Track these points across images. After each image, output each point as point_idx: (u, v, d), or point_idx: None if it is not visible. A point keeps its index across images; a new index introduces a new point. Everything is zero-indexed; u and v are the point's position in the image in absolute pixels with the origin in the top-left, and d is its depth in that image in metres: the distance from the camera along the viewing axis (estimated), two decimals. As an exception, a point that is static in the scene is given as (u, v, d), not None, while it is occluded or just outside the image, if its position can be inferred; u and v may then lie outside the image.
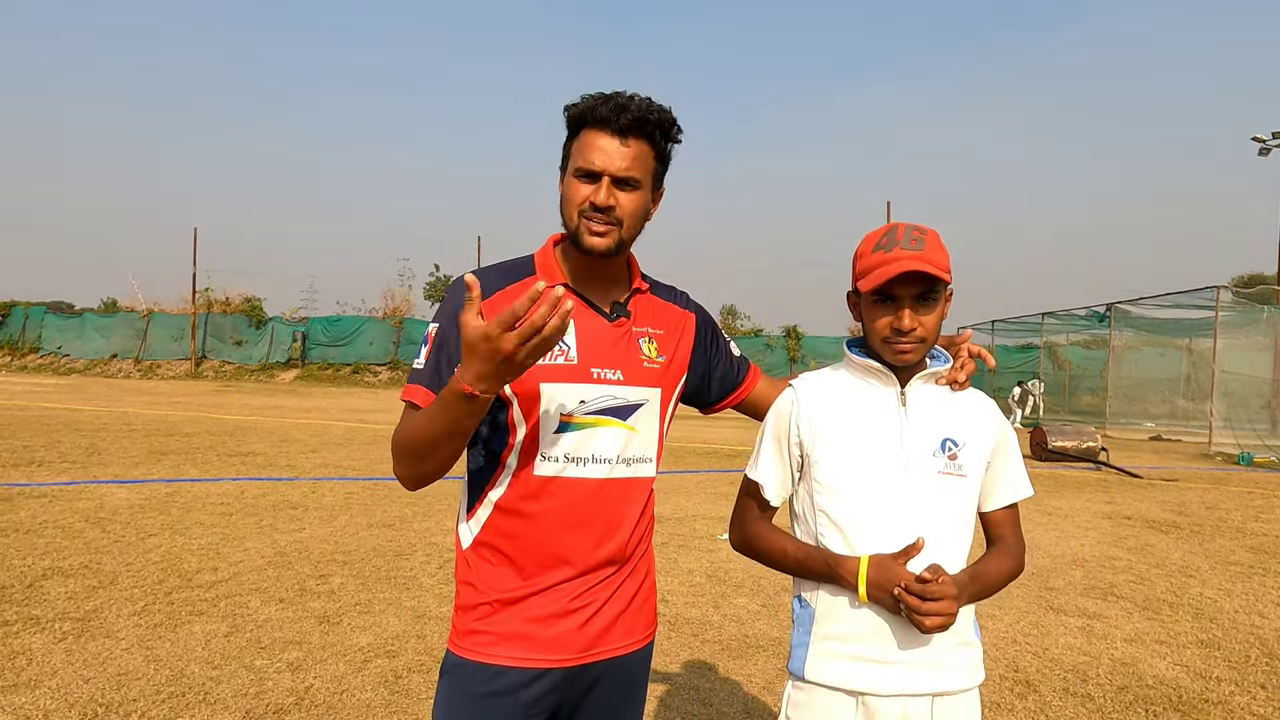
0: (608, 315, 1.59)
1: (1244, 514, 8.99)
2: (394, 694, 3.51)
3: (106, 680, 3.52)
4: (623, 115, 1.48)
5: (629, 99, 1.49)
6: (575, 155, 1.52)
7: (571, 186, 1.52)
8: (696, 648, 4.20)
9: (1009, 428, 1.63)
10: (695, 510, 7.88)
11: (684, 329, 1.71)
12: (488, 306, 1.49)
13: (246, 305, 37.87)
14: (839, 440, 1.56)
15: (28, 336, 39.25)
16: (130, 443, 11.75)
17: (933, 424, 1.56)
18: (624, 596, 1.60)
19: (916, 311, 1.50)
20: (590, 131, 1.50)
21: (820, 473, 1.57)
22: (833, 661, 1.54)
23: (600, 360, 1.54)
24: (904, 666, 1.50)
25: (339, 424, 16.28)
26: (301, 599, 4.74)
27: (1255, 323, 20.10)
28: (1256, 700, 3.76)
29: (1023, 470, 1.64)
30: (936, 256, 1.49)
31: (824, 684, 1.54)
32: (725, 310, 42.78)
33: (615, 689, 1.61)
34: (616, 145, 1.49)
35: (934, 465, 1.53)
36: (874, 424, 1.55)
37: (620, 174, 1.49)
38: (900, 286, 1.49)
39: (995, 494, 1.62)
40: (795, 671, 1.58)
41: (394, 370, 35.01)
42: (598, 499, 1.53)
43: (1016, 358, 31.91)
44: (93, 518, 6.65)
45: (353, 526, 6.70)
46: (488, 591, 1.53)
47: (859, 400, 1.59)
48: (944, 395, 1.60)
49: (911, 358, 1.53)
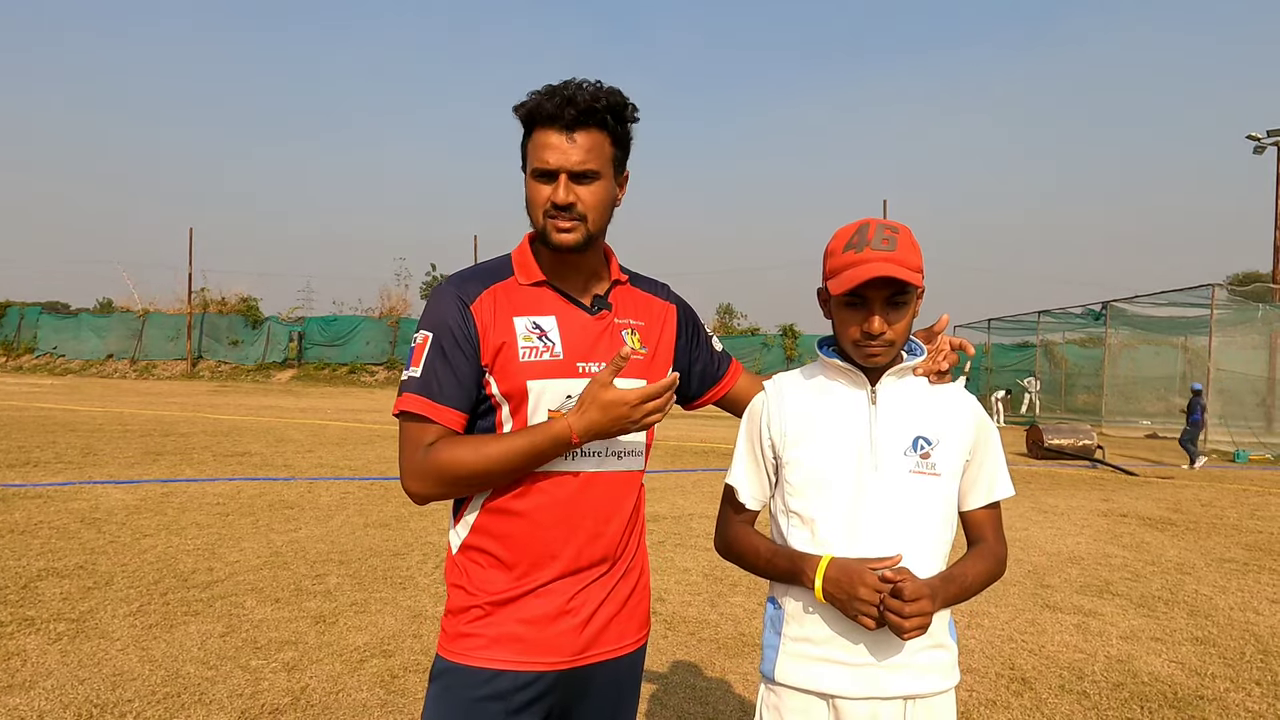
0: (589, 309, 1.58)
1: (1239, 511, 9.02)
2: (390, 694, 3.51)
3: (102, 681, 3.51)
4: (568, 108, 1.44)
5: (575, 89, 1.45)
6: (531, 155, 1.49)
7: (532, 188, 1.50)
8: (693, 646, 4.20)
9: (990, 426, 1.59)
10: (692, 509, 7.88)
11: (665, 320, 1.70)
12: (476, 308, 1.50)
13: (243, 305, 37.82)
14: (808, 441, 1.54)
15: (23, 337, 39.15)
16: (126, 443, 11.73)
17: (904, 422, 1.52)
18: (618, 598, 1.58)
19: (887, 315, 1.46)
20: (541, 130, 1.47)
21: (790, 474, 1.55)
22: (802, 664, 1.51)
23: (585, 354, 1.53)
24: (874, 669, 1.47)
25: (335, 424, 16.26)
26: (297, 599, 4.73)
27: (1250, 321, 20.16)
28: (1251, 697, 3.77)
29: (1003, 469, 1.59)
30: (908, 257, 1.45)
31: (794, 686, 1.52)
32: (722, 309, 42.81)
33: (608, 691, 1.60)
34: (567, 140, 1.45)
35: (905, 464, 1.49)
36: (843, 424, 1.52)
37: (576, 168, 1.46)
38: (871, 289, 1.45)
39: (974, 493, 1.57)
40: (766, 674, 1.57)
41: (390, 370, 34.97)
42: (588, 493, 1.52)
43: (1013, 356, 31.96)
44: (88, 518, 6.63)
45: (349, 526, 6.69)
46: (479, 594, 1.51)
47: (829, 400, 1.56)
48: (918, 393, 1.56)
49: (881, 360, 1.50)
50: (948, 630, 1.55)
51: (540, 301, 1.54)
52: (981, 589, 1.55)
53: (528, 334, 1.50)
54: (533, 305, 1.54)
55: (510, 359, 1.49)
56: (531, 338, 1.50)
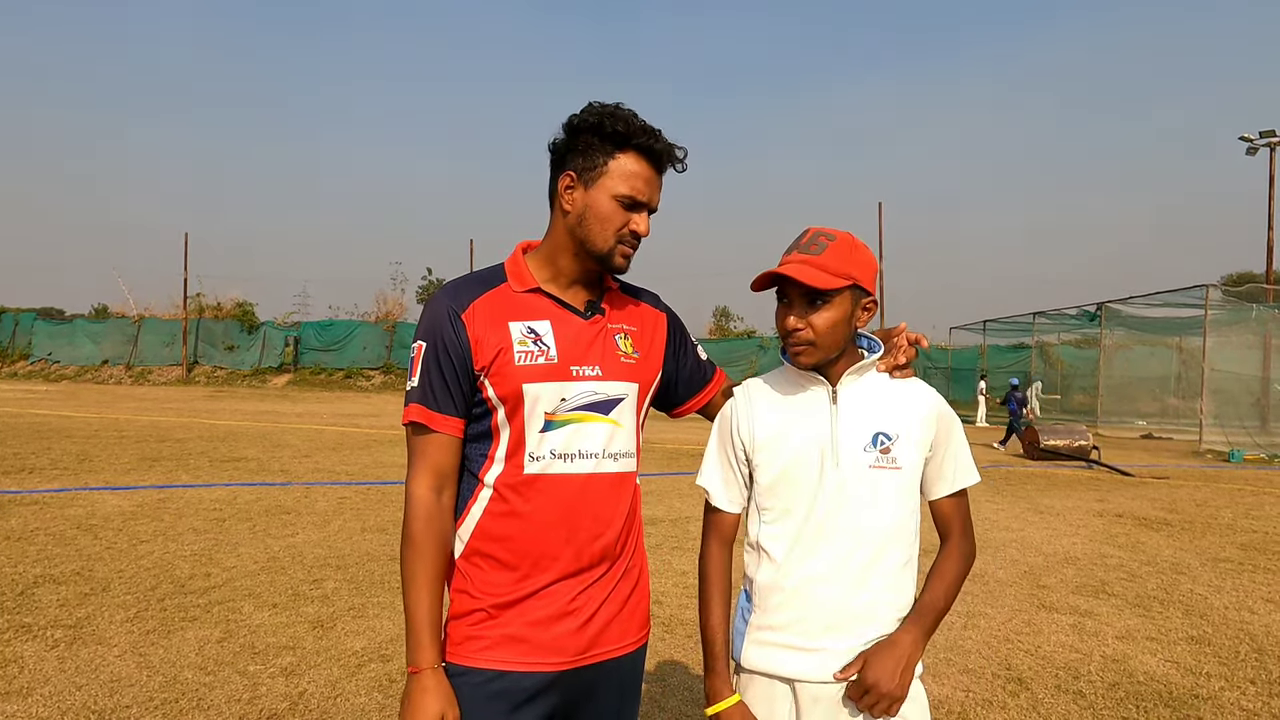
0: (582, 314, 1.62)
1: (1234, 511, 9.05)
2: (388, 698, 3.51)
3: (99, 687, 3.51)
4: (664, 153, 1.57)
5: (666, 140, 1.57)
6: (618, 179, 1.54)
7: (613, 210, 1.55)
8: (691, 649, 4.21)
9: (951, 417, 1.62)
10: (689, 512, 7.89)
11: (656, 327, 1.75)
12: (467, 316, 1.53)
13: (238, 310, 37.75)
14: (773, 442, 1.60)
15: (18, 343, 39.04)
16: (122, 449, 11.70)
17: (864, 419, 1.57)
18: (619, 598, 1.62)
19: (804, 314, 1.52)
20: (636, 158, 1.55)
21: (760, 475, 1.62)
22: (764, 650, 1.59)
23: (579, 358, 1.57)
24: (829, 654, 1.53)
25: (332, 429, 16.24)
26: (295, 604, 4.73)
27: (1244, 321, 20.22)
28: (1246, 696, 3.79)
29: (967, 457, 1.63)
30: (830, 262, 1.50)
31: (758, 670, 1.59)
32: (719, 312, 42.86)
33: (610, 691, 1.62)
34: (656, 178, 1.59)
35: (865, 460, 1.54)
36: (805, 423, 1.58)
37: (656, 206, 1.60)
38: (790, 287, 1.53)
39: (939, 482, 1.61)
40: (735, 659, 1.64)
41: (387, 375, 34.94)
42: (586, 494, 1.56)
43: (1009, 357, 32.01)
44: (84, 525, 6.62)
45: (346, 531, 6.69)
46: (483, 597, 1.54)
47: (793, 402, 1.62)
48: (879, 390, 1.60)
49: (805, 360, 1.55)
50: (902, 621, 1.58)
51: (534, 307, 1.58)
52: (956, 593, 1.60)
53: (523, 338, 1.54)
54: (527, 311, 1.57)
55: (506, 363, 1.52)
56: (527, 342, 1.54)
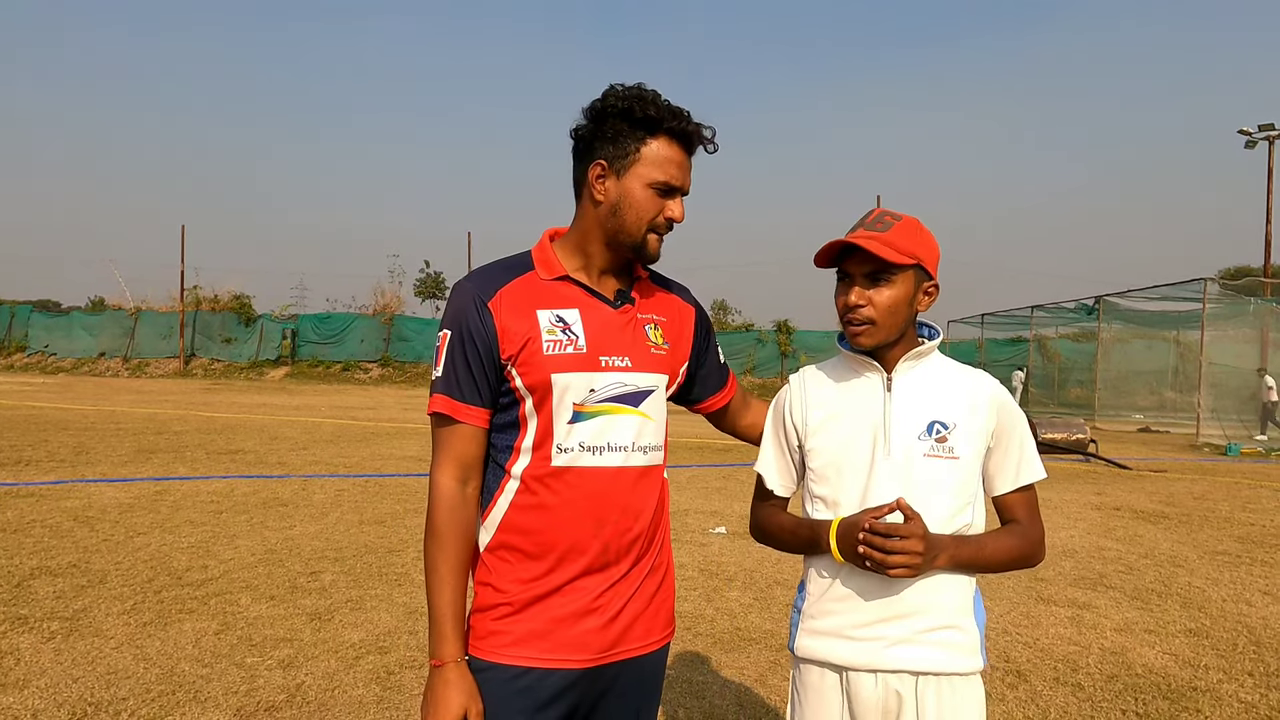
0: (612, 303, 1.58)
1: (1231, 504, 9.06)
2: (386, 690, 3.50)
3: (96, 679, 3.50)
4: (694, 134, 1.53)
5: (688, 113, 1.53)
6: (652, 165, 1.51)
7: (648, 197, 1.52)
8: (689, 641, 4.20)
9: (1015, 408, 1.58)
10: (688, 505, 7.88)
11: (685, 320, 1.72)
12: (494, 304, 1.49)
13: (236, 303, 37.62)
14: (827, 429, 1.59)
15: (14, 335, 38.93)
16: (119, 441, 11.68)
17: (920, 406, 1.54)
18: (645, 595, 1.58)
19: (866, 290, 1.50)
20: (668, 143, 1.52)
21: (812, 461, 1.60)
22: (814, 638, 1.58)
23: (608, 348, 1.53)
24: (878, 643, 1.50)
25: (329, 421, 16.22)
26: (292, 596, 4.72)
27: (1242, 315, 20.25)
28: (1244, 688, 3.79)
29: (1033, 451, 1.58)
30: (897, 240, 1.49)
31: (809, 659, 1.58)
32: (716, 304, 42.76)
33: (632, 689, 1.59)
34: (688, 161, 1.56)
35: (920, 448, 1.52)
36: (859, 411, 1.57)
37: (689, 190, 1.57)
38: (852, 264, 1.51)
39: (1001, 477, 1.57)
40: (791, 649, 1.64)
41: (384, 367, 34.89)
42: (615, 488, 1.52)
43: (1006, 351, 32.04)
44: (81, 517, 6.60)
45: (343, 523, 6.68)
46: (508, 591, 1.51)
47: (848, 389, 1.60)
48: (937, 377, 1.58)
49: (863, 340, 1.53)
50: (970, 612, 1.55)
51: (563, 295, 1.54)
52: (1007, 563, 1.54)
53: (551, 327, 1.51)
54: (555, 299, 1.54)
55: (535, 352, 1.48)
56: (555, 330, 1.50)
